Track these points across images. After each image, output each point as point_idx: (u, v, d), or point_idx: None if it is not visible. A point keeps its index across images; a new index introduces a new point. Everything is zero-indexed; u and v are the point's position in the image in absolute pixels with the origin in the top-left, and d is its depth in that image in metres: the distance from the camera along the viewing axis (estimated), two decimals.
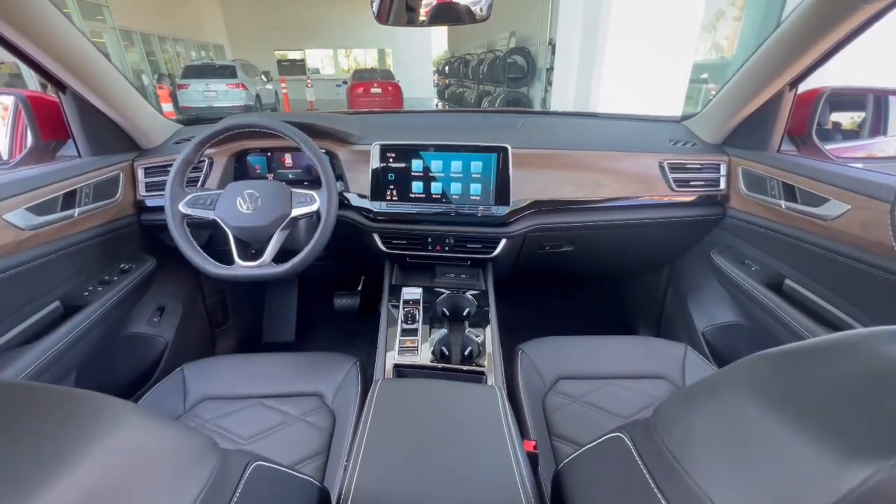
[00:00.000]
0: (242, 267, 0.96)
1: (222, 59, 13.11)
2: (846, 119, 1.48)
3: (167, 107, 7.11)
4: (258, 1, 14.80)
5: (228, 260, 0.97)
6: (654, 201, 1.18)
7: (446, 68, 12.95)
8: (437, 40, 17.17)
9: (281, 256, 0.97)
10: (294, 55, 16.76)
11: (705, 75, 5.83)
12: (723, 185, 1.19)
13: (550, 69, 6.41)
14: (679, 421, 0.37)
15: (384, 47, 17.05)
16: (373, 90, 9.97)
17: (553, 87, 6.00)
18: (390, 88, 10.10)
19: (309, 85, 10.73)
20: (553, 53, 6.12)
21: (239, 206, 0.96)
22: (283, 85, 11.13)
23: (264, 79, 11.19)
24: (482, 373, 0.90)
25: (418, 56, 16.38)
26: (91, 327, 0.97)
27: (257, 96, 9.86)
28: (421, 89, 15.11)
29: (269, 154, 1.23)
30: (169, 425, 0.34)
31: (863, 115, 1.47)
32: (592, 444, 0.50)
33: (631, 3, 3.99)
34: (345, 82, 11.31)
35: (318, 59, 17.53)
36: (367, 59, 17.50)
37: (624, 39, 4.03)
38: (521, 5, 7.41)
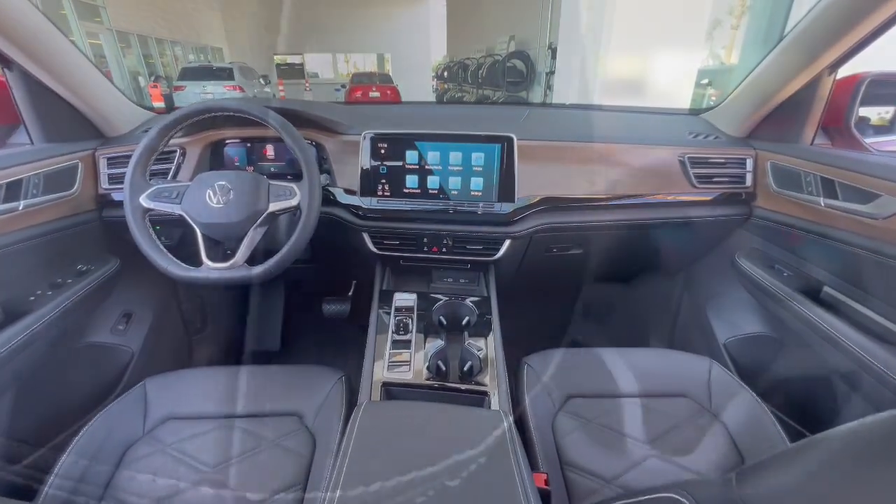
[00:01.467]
0: (211, 269, 0.85)
1: (220, 62, 13.07)
2: (873, 114, 1.39)
3: (158, 106, 7.03)
4: (258, 5, 14.82)
5: (198, 261, 0.86)
6: (674, 199, 1.08)
7: (445, 73, 12.96)
8: (437, 45, 17.22)
9: (260, 258, 0.86)
10: (293, 59, 16.77)
11: (706, 80, 5.83)
12: (748, 181, 1.08)
13: (550, 73, 6.38)
14: (794, 498, 0.26)
15: (383, 52, 17.09)
16: (371, 93, 9.91)
17: (553, 92, 5.96)
18: (389, 92, 10.05)
19: (308, 88, 10.69)
20: (553, 57, 6.09)
21: (208, 199, 0.85)
22: (280, 88, 11.10)
23: (262, 82, 11.14)
24: (484, 393, 0.79)
25: (417, 61, 16.41)
26: (36, 336, 0.85)
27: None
28: (420, 94, 15.11)
29: (248, 145, 1.12)
30: None
31: (892, 109, 1.37)
32: (634, 499, 0.39)
33: (636, 8, 3.94)
34: (343, 86, 11.27)
35: (317, 63, 17.55)
36: (366, 63, 17.53)
37: (628, 43, 3.98)
38: (520, 9, 7.39)
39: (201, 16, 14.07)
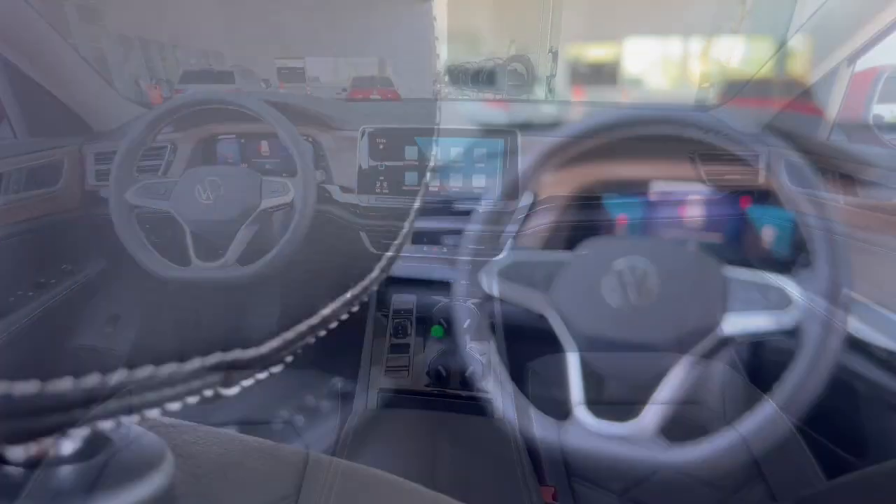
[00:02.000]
0: (200, 268, 0.81)
1: (221, 66, 13.11)
2: (887, 112, 1.35)
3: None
4: (259, 9, 14.89)
5: (186, 260, 0.83)
6: (683, 198, 1.04)
7: (445, 77, 12.99)
8: (438, 49, 17.31)
9: (253, 257, 0.83)
10: (294, 63, 16.84)
11: (707, 83, 5.82)
12: (761, 178, 1.05)
13: (551, 76, 6.38)
14: None
15: (384, 56, 17.17)
16: (372, 96, 9.95)
17: (554, 95, 5.95)
18: (389, 95, 10.09)
19: (309, 92, 10.72)
20: (555, 61, 6.10)
21: (198, 195, 0.82)
22: (281, 91, 11.15)
23: (263, 85, 11.17)
24: (487, 400, 0.75)
25: (417, 65, 16.49)
26: (15, 338, 0.81)
27: None
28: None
29: (242, 141, 1.09)
30: None
31: None
32: None
33: (638, 14, 3.94)
34: (344, 90, 11.32)
35: (318, 67, 17.63)
36: (367, 67, 17.62)
37: (629, 44, 3.97)
38: (521, 13, 7.42)
39: (203, 20, 14.15)
